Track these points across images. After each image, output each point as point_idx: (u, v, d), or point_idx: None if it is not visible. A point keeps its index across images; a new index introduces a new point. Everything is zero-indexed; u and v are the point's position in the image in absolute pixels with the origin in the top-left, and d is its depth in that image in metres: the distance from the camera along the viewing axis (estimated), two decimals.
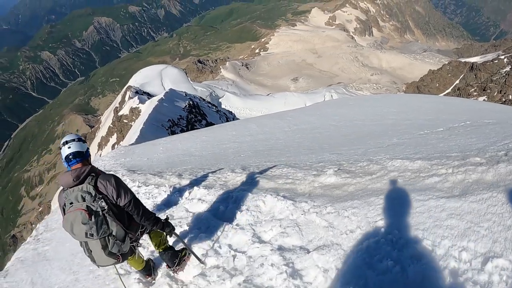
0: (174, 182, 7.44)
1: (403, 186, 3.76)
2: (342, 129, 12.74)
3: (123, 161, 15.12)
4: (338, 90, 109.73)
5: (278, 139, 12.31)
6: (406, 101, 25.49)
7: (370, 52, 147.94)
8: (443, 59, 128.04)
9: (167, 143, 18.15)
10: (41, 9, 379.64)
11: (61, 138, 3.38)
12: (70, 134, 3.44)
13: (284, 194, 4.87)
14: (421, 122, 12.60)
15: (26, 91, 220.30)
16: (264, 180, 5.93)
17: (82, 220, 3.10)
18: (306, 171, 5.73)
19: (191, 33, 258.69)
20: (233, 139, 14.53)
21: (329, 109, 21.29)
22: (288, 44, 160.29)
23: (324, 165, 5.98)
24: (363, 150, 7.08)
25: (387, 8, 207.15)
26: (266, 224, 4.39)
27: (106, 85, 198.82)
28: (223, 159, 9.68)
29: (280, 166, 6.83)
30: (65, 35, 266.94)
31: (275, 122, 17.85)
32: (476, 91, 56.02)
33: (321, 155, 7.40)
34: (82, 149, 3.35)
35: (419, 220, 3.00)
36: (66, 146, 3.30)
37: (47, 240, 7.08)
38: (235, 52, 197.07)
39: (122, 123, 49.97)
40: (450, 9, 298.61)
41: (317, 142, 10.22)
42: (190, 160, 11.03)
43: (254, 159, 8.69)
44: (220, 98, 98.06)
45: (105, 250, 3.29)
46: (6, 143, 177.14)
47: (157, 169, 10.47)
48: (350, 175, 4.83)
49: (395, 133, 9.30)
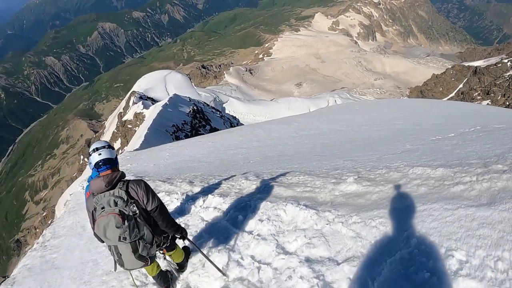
0: (185, 189, 7.33)
1: (429, 194, 3.65)
2: (351, 135, 12.64)
3: (129, 167, 15.05)
4: (342, 95, 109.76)
5: (287, 145, 12.23)
6: (412, 106, 25.41)
7: (373, 57, 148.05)
8: (447, 63, 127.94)
9: (173, 148, 18.10)
10: (46, 14, 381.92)
11: (66, 143, 3.36)
12: (100, 141, 3.54)
13: (305, 203, 4.72)
14: (430, 127, 12.50)
15: (31, 96, 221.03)
16: (281, 188, 5.78)
17: (116, 224, 3.18)
18: (325, 179, 5.61)
19: (195, 39, 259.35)
20: (240, 145, 14.46)
21: (335, 114, 21.21)
22: (291, 49, 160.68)
23: (341, 172, 5.88)
24: (377, 156, 6.98)
25: (390, 12, 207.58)
26: (289, 234, 4.23)
27: (110, 90, 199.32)
28: (233, 166, 9.56)
29: (294, 173, 6.71)
30: (70, 40, 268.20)
31: (282, 127, 17.79)
32: (479, 95, 55.77)
33: (335, 162, 7.29)
34: (112, 155, 3.45)
35: (450, 230, 2.90)
36: (96, 152, 3.39)
37: (55, 247, 6.93)
38: (238, 58, 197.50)
39: (126, 128, 49.97)
40: (453, 13, 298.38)
41: (327, 148, 10.12)
42: (199, 167, 10.94)
43: (265, 166, 8.57)
44: (224, 103, 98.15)
45: (135, 253, 3.36)
46: (11, 148, 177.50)
47: (165, 175, 10.37)
48: (371, 183, 4.70)
49: (406, 138, 9.20)
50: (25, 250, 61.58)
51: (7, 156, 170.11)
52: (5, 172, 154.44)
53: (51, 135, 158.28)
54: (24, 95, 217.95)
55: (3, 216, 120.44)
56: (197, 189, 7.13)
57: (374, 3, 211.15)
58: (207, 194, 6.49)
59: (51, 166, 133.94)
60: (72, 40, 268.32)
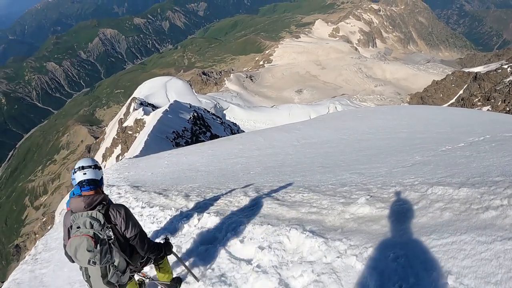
0: (180, 204, 6.93)
1: (456, 222, 3.11)
2: (355, 144, 12.22)
3: (127, 175, 14.77)
4: (342, 102, 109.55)
5: (288, 154, 11.80)
6: (414, 113, 25.08)
7: (373, 63, 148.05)
8: (447, 70, 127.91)
9: (172, 156, 17.74)
10: (47, 20, 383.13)
11: (66, 148, 3.06)
12: (87, 159, 3.42)
13: (311, 228, 4.19)
14: (437, 136, 12.10)
15: (32, 101, 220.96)
16: (284, 208, 5.25)
17: (88, 247, 3.02)
18: (332, 198, 5.09)
19: (196, 45, 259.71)
20: (240, 153, 14.05)
21: (338, 122, 20.81)
22: (292, 56, 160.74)
23: (349, 190, 5.37)
24: (386, 169, 6.50)
25: (390, 19, 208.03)
26: (294, 267, 3.71)
27: (111, 96, 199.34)
28: (232, 177, 9.13)
29: (298, 188, 6.22)
30: (71, 46, 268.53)
31: (282, 135, 17.41)
32: (480, 101, 55.63)
33: (340, 175, 6.82)
34: (97, 177, 3.32)
35: (487, 270, 2.40)
36: (81, 171, 3.27)
37: (45, 261, 6.77)
38: (239, 64, 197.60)
39: (126, 134, 49.81)
40: (453, 19, 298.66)
41: (330, 158, 9.68)
42: (197, 177, 10.53)
43: (266, 178, 8.13)
44: (225, 110, 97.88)
45: (104, 278, 3.21)
46: (11, 153, 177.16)
47: (161, 185, 9.99)
48: (385, 205, 4.16)
49: (414, 149, 8.77)
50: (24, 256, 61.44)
51: (8, 161, 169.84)
52: (5, 177, 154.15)
53: (52, 140, 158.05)
54: (25, 101, 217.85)
55: (2, 221, 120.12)
56: (192, 205, 6.73)
57: (374, 10, 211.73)
58: (202, 211, 6.07)
59: (51, 172, 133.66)
60: (73, 46, 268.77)
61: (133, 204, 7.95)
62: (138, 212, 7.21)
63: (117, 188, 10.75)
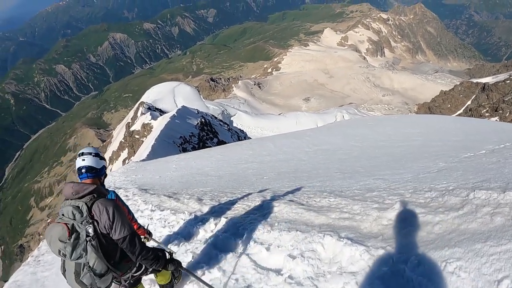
0: (193, 208, 6.57)
1: (511, 228, 2.80)
2: (369, 151, 11.91)
3: (134, 178, 14.57)
4: (350, 111, 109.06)
5: (301, 160, 11.49)
6: (425, 121, 24.81)
7: (381, 73, 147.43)
8: (455, 80, 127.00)
9: (180, 160, 17.52)
10: (58, 23, 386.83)
11: (73, 151, 2.91)
12: (89, 147, 3.28)
13: (347, 234, 3.79)
14: (453, 144, 11.77)
15: (40, 103, 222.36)
16: (311, 213, 4.78)
17: (60, 236, 2.81)
18: (364, 203, 4.69)
19: (205, 51, 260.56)
20: (251, 158, 13.77)
21: (348, 129, 20.50)
22: (300, 64, 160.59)
23: (380, 195, 4.99)
24: (411, 175, 6.16)
25: (399, 29, 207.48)
26: (333, 279, 3.26)
27: (119, 100, 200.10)
28: (245, 182, 8.80)
29: (321, 193, 5.82)
30: (80, 49, 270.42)
31: (292, 141, 17.14)
32: (488, 111, 55.22)
33: (362, 181, 6.49)
34: (96, 165, 3.19)
35: None
36: (80, 158, 3.16)
37: (47, 264, 6.47)
38: (247, 71, 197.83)
39: (133, 139, 49.75)
40: (461, 30, 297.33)
41: (347, 164, 9.36)
42: (207, 181, 10.24)
43: (282, 183, 7.77)
44: (232, 116, 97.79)
45: (77, 276, 2.93)
46: (18, 153, 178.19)
47: (171, 189, 9.72)
48: (426, 210, 3.77)
49: (433, 155, 8.45)
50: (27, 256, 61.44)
51: (14, 162, 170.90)
52: (12, 177, 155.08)
53: (59, 142, 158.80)
54: (34, 102, 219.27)
55: (7, 221, 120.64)
56: (206, 209, 6.35)
57: (383, 19, 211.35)
58: (219, 216, 5.66)
59: (57, 173, 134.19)
60: (82, 49, 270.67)
61: (142, 207, 7.66)
62: (148, 215, 6.88)
63: (124, 191, 10.51)
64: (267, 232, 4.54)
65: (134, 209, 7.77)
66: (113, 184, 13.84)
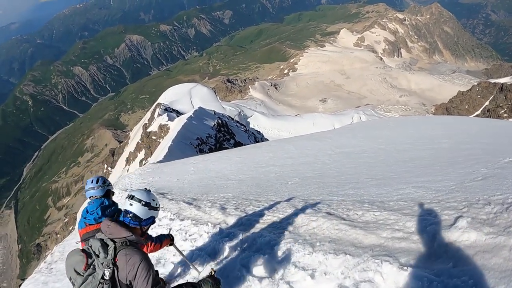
0: (217, 219, 6.05)
1: None
2: (395, 154, 11.35)
3: (151, 181, 14.34)
4: (367, 112, 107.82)
5: (325, 164, 10.99)
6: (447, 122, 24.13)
7: (398, 73, 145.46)
8: (472, 80, 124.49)
9: (198, 162, 17.20)
10: (75, 25, 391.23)
11: (90, 151, 2.57)
12: (142, 192, 3.10)
13: (408, 260, 3.19)
14: (484, 147, 11.14)
15: (58, 104, 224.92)
16: (357, 231, 4.15)
17: (76, 266, 2.75)
18: (417, 219, 4.05)
19: (221, 53, 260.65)
20: (272, 162, 13.33)
21: (369, 131, 19.89)
22: (316, 65, 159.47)
23: (430, 207, 4.34)
24: (453, 183, 5.59)
25: (415, 29, 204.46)
26: None
27: (136, 101, 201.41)
28: (269, 188, 8.32)
29: (361, 205, 5.21)
30: (97, 51, 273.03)
31: (314, 143, 16.64)
32: (506, 112, 54.13)
33: (401, 189, 5.94)
34: (143, 215, 3.02)
35: None
36: (128, 201, 3.02)
37: (59, 272, 6.23)
38: (264, 72, 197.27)
39: (150, 140, 49.85)
40: (478, 29, 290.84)
41: (376, 169, 8.83)
42: (228, 185, 9.83)
43: (311, 190, 7.27)
44: (249, 117, 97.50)
45: None
46: (36, 154, 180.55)
47: (190, 194, 9.35)
48: (495, 230, 3.18)
49: (468, 160, 7.87)
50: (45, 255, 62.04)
51: (32, 162, 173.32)
52: (30, 177, 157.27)
53: (76, 143, 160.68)
54: (51, 103, 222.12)
55: (25, 220, 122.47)
56: (232, 220, 5.80)
57: (399, 19, 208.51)
58: (247, 229, 5.08)
59: (74, 174, 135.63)
60: (100, 51, 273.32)
61: (160, 215, 7.27)
62: (166, 225, 6.43)
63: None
64: (309, 255, 3.93)
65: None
66: (130, 187, 13.60)
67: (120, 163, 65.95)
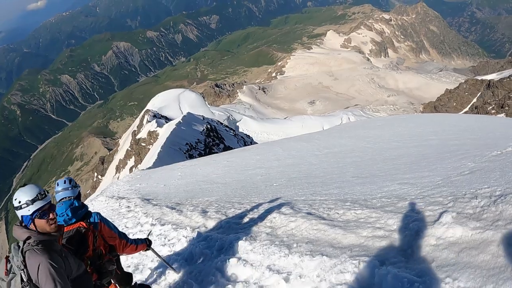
0: (197, 222, 5.90)
1: None
2: (383, 152, 11.24)
3: (138, 187, 14.17)
4: (355, 112, 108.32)
5: (312, 164, 10.84)
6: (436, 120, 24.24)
7: (386, 73, 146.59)
8: (460, 78, 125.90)
9: (185, 167, 17.03)
10: (61, 33, 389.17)
11: (80, 160, 2.41)
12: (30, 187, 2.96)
13: (387, 260, 2.97)
14: (472, 142, 11.12)
15: (46, 113, 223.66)
16: (336, 231, 3.93)
17: (0, 273, 2.66)
18: (399, 216, 3.83)
19: (208, 58, 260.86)
20: (259, 164, 13.17)
21: (357, 130, 19.83)
22: (304, 67, 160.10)
23: (414, 203, 4.17)
24: (440, 178, 5.46)
25: (401, 28, 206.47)
26: None
27: (124, 108, 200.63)
28: (254, 190, 8.18)
29: (343, 203, 5.04)
30: (85, 59, 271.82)
31: (301, 145, 16.53)
32: (494, 108, 54.73)
33: (386, 186, 5.81)
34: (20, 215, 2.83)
35: None
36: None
37: None
38: (252, 76, 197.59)
39: (140, 146, 49.49)
40: (464, 27, 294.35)
41: (363, 168, 8.70)
42: (213, 189, 9.64)
43: (295, 190, 7.13)
44: (238, 122, 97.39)
45: None
46: (25, 164, 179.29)
47: (174, 199, 9.16)
48: (483, 225, 2.96)
49: (456, 155, 7.77)
50: None
51: (22, 172, 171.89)
52: (20, 187, 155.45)
53: (66, 152, 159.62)
54: (40, 112, 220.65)
55: None
56: (212, 224, 5.65)
57: (385, 19, 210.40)
58: (225, 233, 4.93)
59: None
60: (87, 59, 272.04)
61: (143, 220, 7.07)
62: (148, 230, 6.26)
63: (127, 201, 10.01)
64: (285, 257, 3.74)
65: (135, 223, 7.17)
66: (117, 194, 13.37)
67: (110, 171, 65.36)
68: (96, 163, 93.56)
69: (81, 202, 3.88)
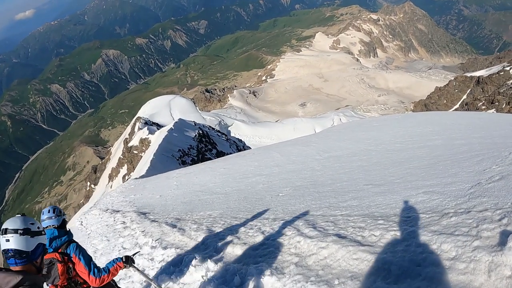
0: (205, 246, 5.24)
1: None
2: (388, 155, 10.77)
3: (133, 198, 13.61)
4: (347, 113, 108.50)
5: (315, 170, 10.32)
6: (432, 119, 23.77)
7: (376, 73, 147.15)
8: (449, 75, 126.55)
9: (181, 176, 16.47)
10: (50, 42, 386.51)
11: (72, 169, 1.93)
12: (16, 219, 2.41)
13: None
14: (481, 141, 10.64)
15: (37, 124, 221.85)
16: (376, 256, 3.22)
17: None
18: (454, 238, 3.11)
19: (198, 63, 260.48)
20: (258, 171, 12.63)
21: (355, 132, 19.38)
22: (294, 69, 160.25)
23: (463, 221, 3.43)
24: (468, 185, 4.88)
25: (389, 28, 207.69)
26: None
27: (115, 116, 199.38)
28: (258, 201, 7.65)
29: (374, 221, 4.30)
30: (74, 68, 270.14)
31: (299, 149, 16.03)
32: (484, 104, 54.89)
33: (412, 196, 5.16)
34: (26, 247, 2.33)
35: None
36: (4, 237, 2.33)
37: None
38: (242, 80, 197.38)
39: (132, 154, 48.83)
40: (452, 25, 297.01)
41: (373, 173, 8.17)
42: (213, 201, 9.08)
43: (306, 203, 6.53)
44: (229, 126, 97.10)
45: None
46: (17, 175, 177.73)
47: (173, 213, 8.59)
48: None
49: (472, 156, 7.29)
50: None
51: (14, 183, 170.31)
52: (12, 199, 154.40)
53: (58, 162, 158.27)
54: (30, 123, 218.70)
55: None
56: (221, 248, 4.92)
57: (373, 20, 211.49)
58: (243, 261, 4.19)
59: (58, 193, 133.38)
60: (76, 68, 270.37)
61: (141, 241, 6.41)
62: (148, 254, 5.60)
63: (122, 216, 9.43)
64: None
65: (132, 243, 6.53)
66: (111, 206, 12.79)
67: (103, 179, 64.61)
68: (88, 172, 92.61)
69: (64, 231, 3.74)
